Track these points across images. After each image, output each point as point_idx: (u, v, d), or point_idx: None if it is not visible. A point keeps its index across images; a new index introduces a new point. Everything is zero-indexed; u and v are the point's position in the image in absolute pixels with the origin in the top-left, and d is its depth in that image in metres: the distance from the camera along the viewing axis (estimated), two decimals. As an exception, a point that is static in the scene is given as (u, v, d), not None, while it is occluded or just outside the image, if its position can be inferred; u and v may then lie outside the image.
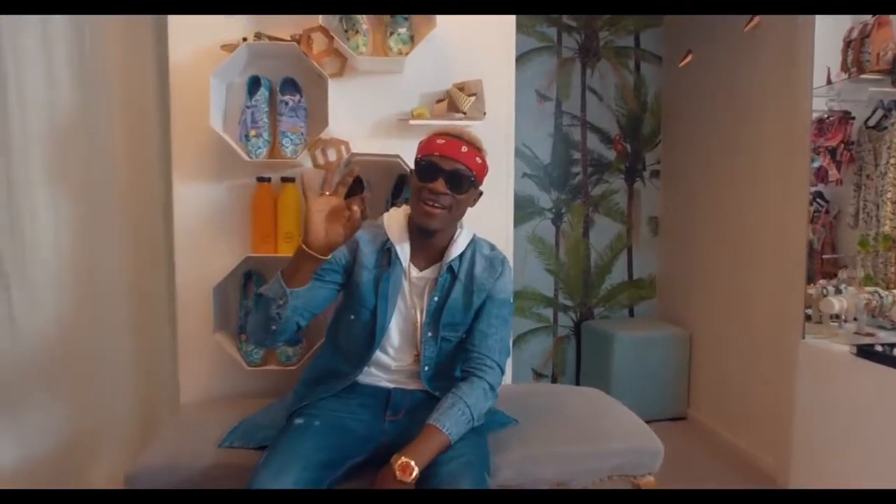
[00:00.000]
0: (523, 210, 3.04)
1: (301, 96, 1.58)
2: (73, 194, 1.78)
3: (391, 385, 1.32)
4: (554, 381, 3.16)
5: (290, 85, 1.59)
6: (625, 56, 3.15)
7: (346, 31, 1.57)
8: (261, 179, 1.61)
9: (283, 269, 1.14)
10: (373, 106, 1.67)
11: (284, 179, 1.62)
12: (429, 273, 1.31)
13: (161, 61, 1.69)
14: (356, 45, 1.55)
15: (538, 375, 3.16)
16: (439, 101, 1.64)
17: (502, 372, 1.31)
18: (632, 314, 3.24)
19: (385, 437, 1.23)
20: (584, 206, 3.17)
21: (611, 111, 3.16)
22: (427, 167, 1.21)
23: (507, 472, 1.30)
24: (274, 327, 1.16)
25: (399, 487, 1.07)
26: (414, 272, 1.30)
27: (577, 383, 3.14)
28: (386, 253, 1.29)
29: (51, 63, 1.74)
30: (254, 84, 1.57)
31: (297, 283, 1.13)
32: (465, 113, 1.60)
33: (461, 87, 1.62)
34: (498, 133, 1.72)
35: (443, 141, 1.22)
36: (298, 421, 1.20)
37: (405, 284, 1.30)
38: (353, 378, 1.29)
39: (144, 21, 1.75)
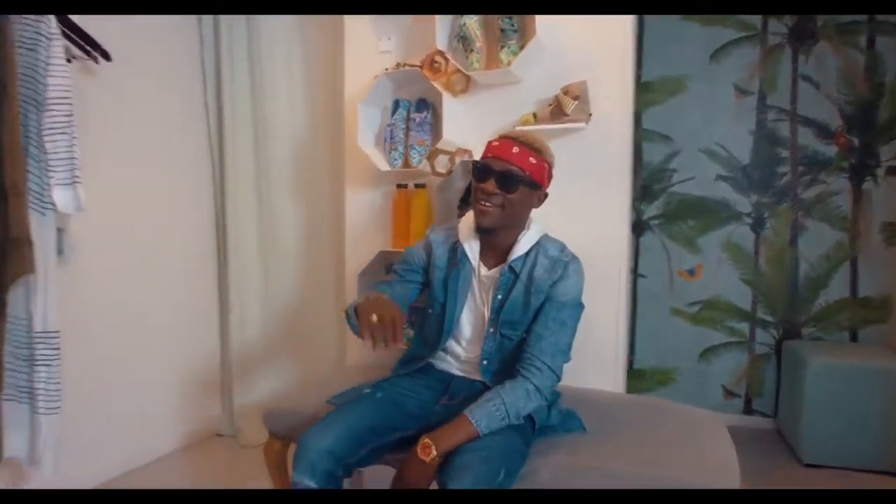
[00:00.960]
0: (716, 215, 2.81)
1: (428, 113, 1.87)
2: (303, 202, 2.41)
3: (458, 373, 1.45)
4: (748, 402, 2.82)
5: (422, 104, 1.90)
6: (852, 33, 2.65)
7: (465, 51, 1.80)
8: (400, 186, 1.95)
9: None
10: (494, 116, 1.84)
11: (417, 186, 1.92)
12: (495, 272, 1.39)
13: (338, 92, 2.17)
14: (471, 62, 1.78)
15: (728, 394, 2.85)
16: (549, 105, 1.75)
17: (554, 375, 1.32)
18: (854, 338, 2.67)
19: (434, 419, 1.33)
20: (793, 210, 2.75)
21: (831, 100, 2.68)
22: (481, 168, 1.31)
23: (545, 475, 1.28)
24: None
25: (419, 466, 1.19)
26: (483, 270, 1.40)
27: (776, 408, 2.75)
28: (456, 252, 1.42)
29: (292, 98, 2.39)
30: (395, 106, 1.93)
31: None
32: (568, 115, 1.68)
33: (566, 91, 1.70)
34: (609, 134, 1.73)
35: (497, 143, 1.32)
36: (367, 391, 1.38)
37: (475, 282, 1.40)
38: (426, 361, 1.46)
39: (331, 60, 2.28)
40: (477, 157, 1.78)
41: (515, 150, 1.29)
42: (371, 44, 2.01)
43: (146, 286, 2.26)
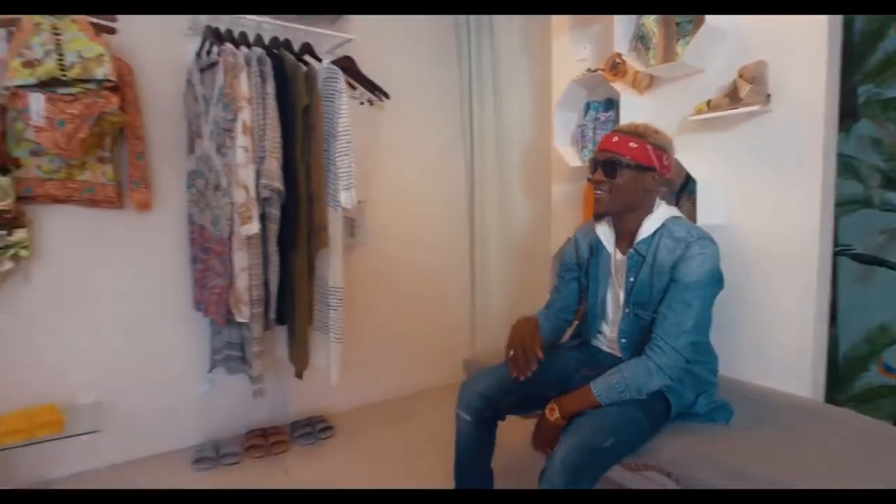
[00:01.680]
0: None
1: (612, 112, 2.05)
2: (529, 197, 2.84)
3: (606, 349, 1.64)
4: None
5: (609, 104, 2.09)
6: None
7: (644, 49, 1.93)
8: (590, 180, 2.16)
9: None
10: (677, 108, 1.92)
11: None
12: (626, 256, 1.51)
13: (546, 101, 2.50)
14: (649, 59, 1.89)
15: None
16: (726, 91, 1.74)
17: (678, 354, 1.37)
18: None
19: (572, 385, 1.48)
20: None
21: None
22: (592, 162, 1.50)
23: (665, 455, 1.35)
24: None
25: (546, 424, 1.42)
26: (618, 255, 1.55)
27: None
28: (595, 243, 1.60)
29: (521, 110, 2.83)
30: (586, 108, 2.16)
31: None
32: (741, 100, 1.66)
33: (741, 74, 1.68)
34: (796, 116, 1.64)
35: (603, 137, 1.48)
36: None
37: (612, 267, 1.56)
38: (585, 339, 1.70)
39: (546, 74, 2.61)
40: None
41: (615, 139, 1.44)
42: (571, 55, 2.28)
43: (415, 262, 2.98)
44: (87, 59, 1.88)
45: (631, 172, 1.44)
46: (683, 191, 1.89)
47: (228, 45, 2.05)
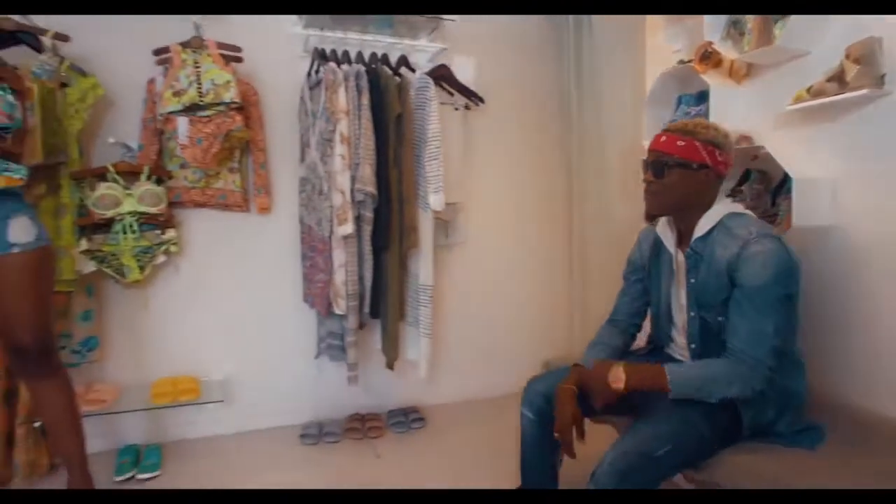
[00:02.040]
0: None
1: (703, 105, 1.91)
2: (629, 199, 2.73)
3: (679, 357, 1.54)
4: None
5: (700, 97, 1.94)
6: None
7: (739, 36, 1.77)
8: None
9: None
10: (779, 98, 1.74)
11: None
12: (685, 256, 1.44)
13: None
14: (743, 45, 1.74)
15: None
16: (829, 75, 1.54)
17: (761, 363, 1.27)
18: None
19: (636, 394, 1.40)
20: None
21: None
22: (643, 164, 1.45)
23: (720, 472, 1.25)
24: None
25: (604, 385, 1.36)
26: (679, 256, 1.47)
27: None
28: (656, 243, 1.54)
29: (623, 101, 2.73)
30: (678, 102, 2.04)
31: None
32: (848, 84, 1.46)
33: (848, 54, 1.47)
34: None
35: (653, 138, 1.43)
36: None
37: (674, 268, 1.48)
38: (656, 346, 1.63)
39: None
40: (757, 143, 1.75)
41: (663, 138, 1.39)
42: (666, 47, 2.16)
43: (511, 264, 3.01)
44: (218, 86, 2.22)
45: (680, 171, 1.39)
46: (781, 189, 1.70)
47: (331, 64, 2.28)
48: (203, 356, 2.50)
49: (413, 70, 2.45)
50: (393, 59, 2.45)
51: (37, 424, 2.11)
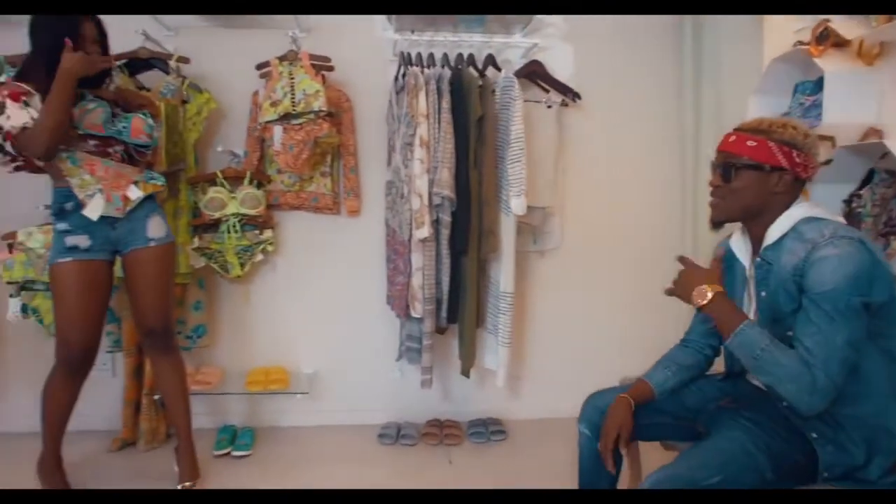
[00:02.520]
0: None
1: (818, 95, 1.60)
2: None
3: (755, 382, 1.37)
4: None
5: (818, 84, 1.63)
6: None
7: (868, 12, 1.46)
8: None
9: None
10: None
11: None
12: (755, 266, 1.30)
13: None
14: (871, 20, 1.43)
15: None
16: None
17: (829, 380, 1.09)
18: None
19: (704, 417, 1.36)
20: None
21: None
22: (711, 166, 1.30)
23: None
24: None
25: (683, 289, 1.25)
26: (751, 269, 1.32)
27: None
28: (730, 255, 1.38)
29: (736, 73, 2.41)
30: (795, 91, 1.73)
31: None
32: None
33: None
34: None
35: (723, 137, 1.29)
36: None
37: (747, 280, 1.33)
38: (732, 370, 1.44)
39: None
40: (888, 138, 1.45)
41: (732, 139, 1.26)
42: (787, 26, 1.86)
43: (610, 275, 2.78)
44: (308, 96, 2.34)
45: (751, 174, 1.24)
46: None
47: (414, 68, 2.30)
48: (294, 349, 2.66)
49: (499, 69, 2.38)
50: (483, 58, 2.41)
51: (157, 397, 2.40)
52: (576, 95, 2.61)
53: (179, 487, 2.01)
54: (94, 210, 1.83)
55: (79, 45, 1.72)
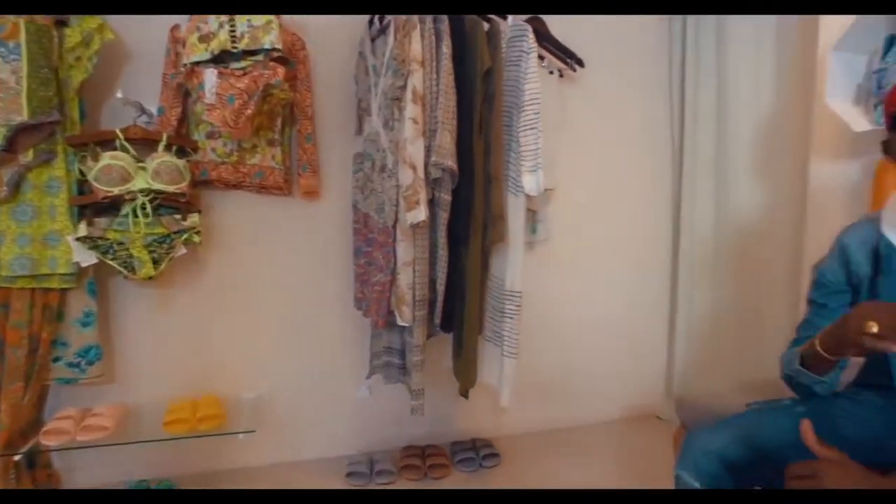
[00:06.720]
0: None
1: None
2: (763, 183, 2.16)
3: None
4: None
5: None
6: None
7: None
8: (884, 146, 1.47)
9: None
10: None
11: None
12: None
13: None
14: None
15: None
16: None
17: None
18: None
19: (886, 455, 1.03)
20: None
21: None
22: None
23: None
24: None
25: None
26: None
27: None
28: (884, 249, 1.05)
29: (758, 68, 2.16)
30: (888, 44, 1.47)
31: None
32: None
33: None
34: None
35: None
36: (787, 401, 1.22)
37: None
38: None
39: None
40: None
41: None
42: None
43: (603, 269, 2.47)
44: (255, 28, 1.73)
45: None
46: None
47: (401, 5, 1.77)
48: (230, 371, 2.02)
49: (504, 17, 1.93)
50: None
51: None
52: (578, 62, 2.23)
53: None
54: None
55: None
